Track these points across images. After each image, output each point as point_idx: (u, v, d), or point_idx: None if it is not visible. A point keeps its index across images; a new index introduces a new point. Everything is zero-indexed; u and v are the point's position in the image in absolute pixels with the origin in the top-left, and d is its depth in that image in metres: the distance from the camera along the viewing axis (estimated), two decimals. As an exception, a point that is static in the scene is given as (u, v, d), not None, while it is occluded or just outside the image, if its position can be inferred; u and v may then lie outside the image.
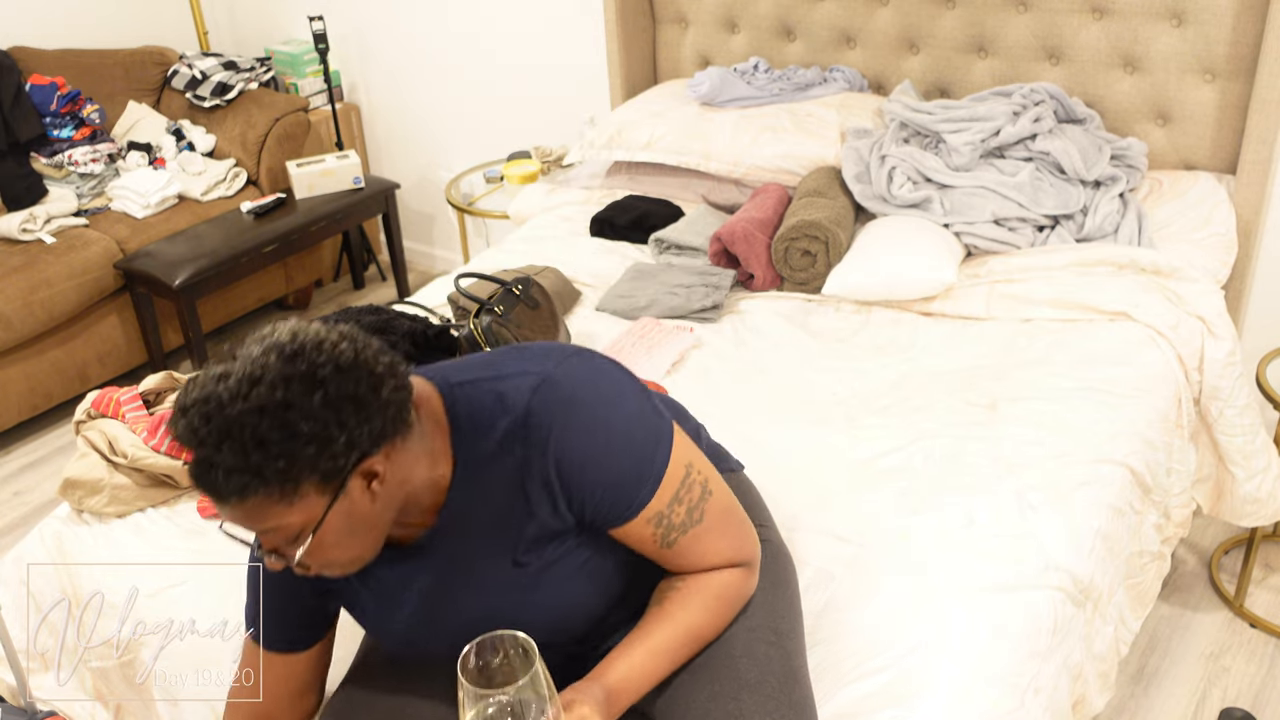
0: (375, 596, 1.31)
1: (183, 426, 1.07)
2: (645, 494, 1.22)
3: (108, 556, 1.82)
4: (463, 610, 1.28)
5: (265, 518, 1.09)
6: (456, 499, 1.23)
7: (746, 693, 1.26)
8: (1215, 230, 2.45)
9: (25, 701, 1.76)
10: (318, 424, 1.06)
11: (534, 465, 1.20)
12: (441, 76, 3.95)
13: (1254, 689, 2.26)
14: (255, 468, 1.05)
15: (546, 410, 1.19)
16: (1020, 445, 1.90)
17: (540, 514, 1.23)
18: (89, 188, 3.62)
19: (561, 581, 1.27)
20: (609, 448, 1.21)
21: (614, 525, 1.24)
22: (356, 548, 1.17)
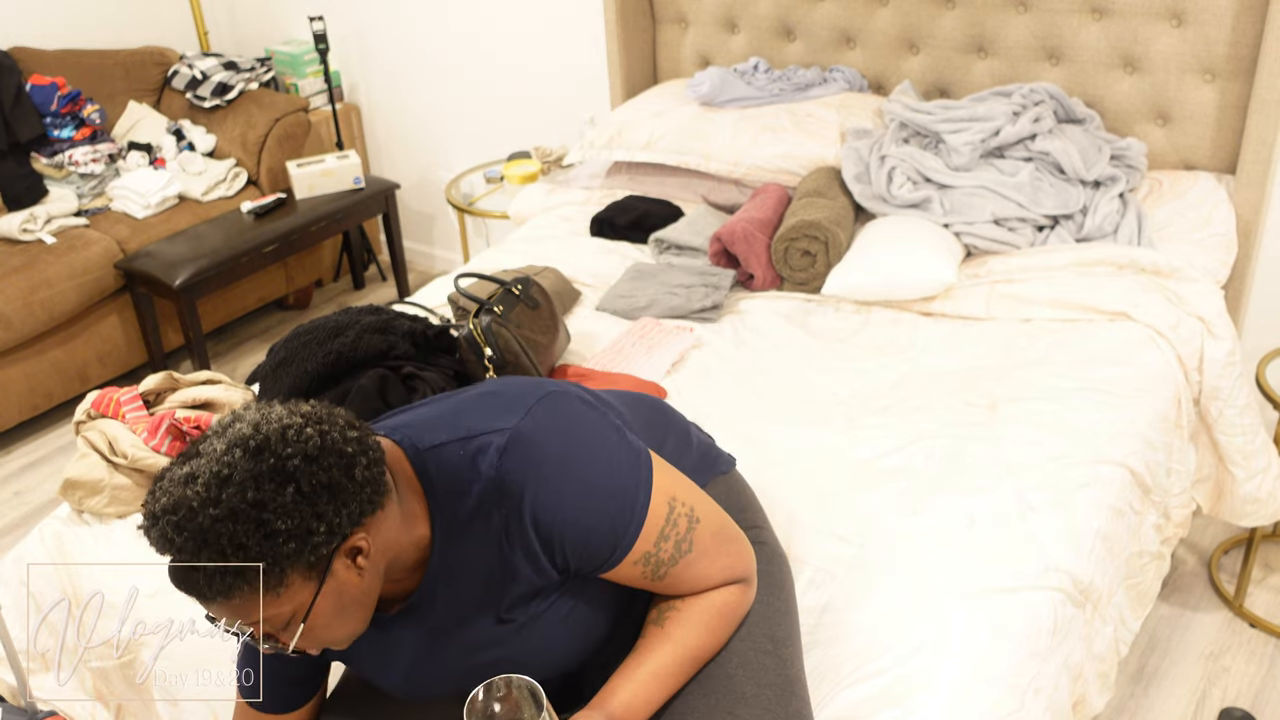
0: (370, 654, 1.30)
1: (156, 535, 1.05)
2: (629, 539, 1.20)
3: (108, 557, 1.82)
4: (454, 666, 1.27)
5: (253, 612, 1.07)
6: (438, 560, 1.21)
7: (743, 706, 1.26)
8: (1215, 230, 2.45)
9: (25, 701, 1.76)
10: (295, 520, 1.04)
11: (511, 527, 1.18)
12: (441, 76, 3.95)
13: (1254, 689, 2.26)
14: (239, 570, 1.03)
15: (518, 471, 1.16)
16: (1020, 445, 1.90)
17: (523, 573, 1.20)
18: (89, 188, 3.62)
19: (547, 633, 1.25)
20: (585, 501, 1.18)
21: (601, 571, 1.23)
22: (350, 624, 1.15)
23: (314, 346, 2.09)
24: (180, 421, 1.95)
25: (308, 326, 2.15)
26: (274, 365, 2.12)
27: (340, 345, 2.08)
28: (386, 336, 2.11)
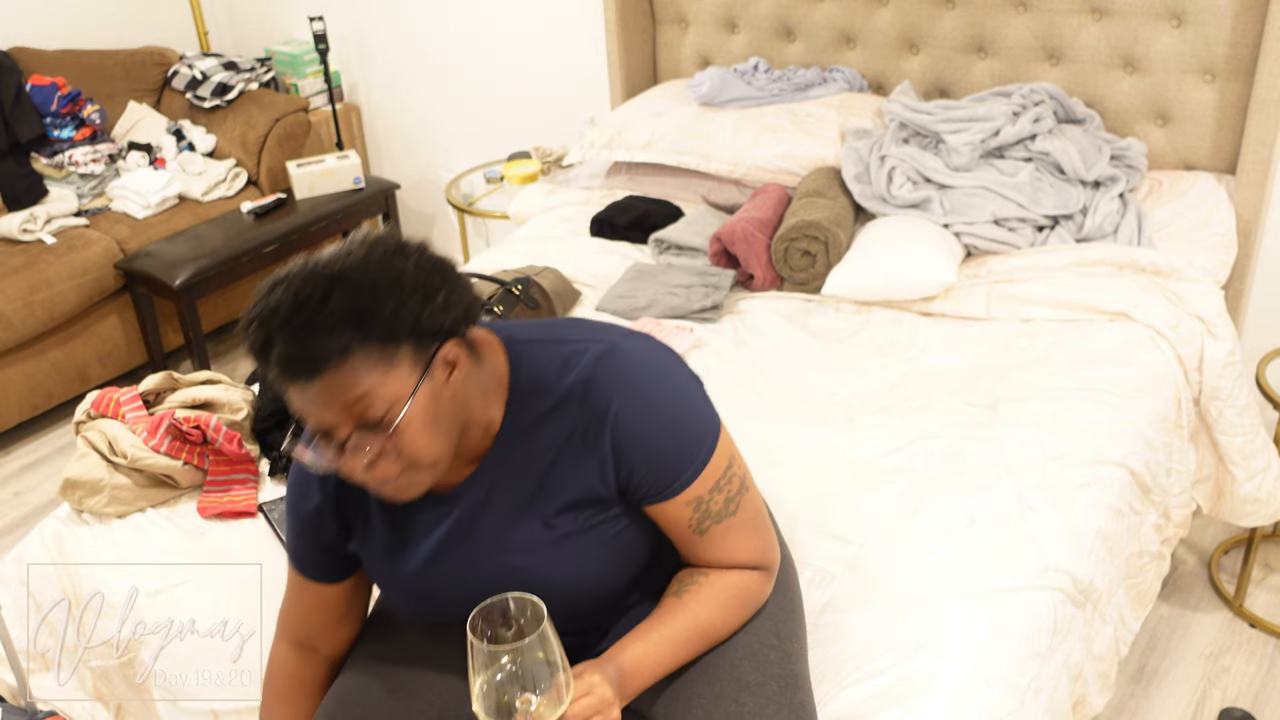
0: (396, 542, 1.30)
1: (282, 291, 1.09)
2: (691, 474, 1.23)
3: (108, 557, 1.82)
4: (482, 565, 1.27)
5: (357, 385, 1.08)
6: (501, 450, 1.24)
7: (747, 694, 1.27)
8: (1215, 230, 2.45)
9: (25, 701, 1.77)
10: (418, 279, 1.11)
11: (589, 431, 1.21)
12: (441, 76, 3.95)
13: (1254, 689, 2.26)
14: (362, 317, 1.07)
15: (610, 378, 1.21)
16: (1020, 445, 1.90)
17: (583, 477, 1.23)
18: (89, 188, 3.62)
19: (587, 550, 1.26)
20: (666, 423, 1.22)
21: (655, 501, 1.25)
22: (436, 444, 1.15)
23: (314, 346, 2.09)
24: (180, 421, 1.95)
25: (308, 326, 2.15)
26: (274, 365, 2.12)
27: (340, 345, 2.07)
28: (386, 336, 2.11)
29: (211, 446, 1.96)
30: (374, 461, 1.14)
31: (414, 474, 1.16)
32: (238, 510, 1.89)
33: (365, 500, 1.30)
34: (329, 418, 1.11)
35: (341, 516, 1.32)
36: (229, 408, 2.06)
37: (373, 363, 1.09)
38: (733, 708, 1.25)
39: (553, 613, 1.13)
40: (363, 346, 1.08)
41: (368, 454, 1.13)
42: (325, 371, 1.08)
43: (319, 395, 1.09)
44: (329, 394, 1.09)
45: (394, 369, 1.10)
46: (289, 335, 1.08)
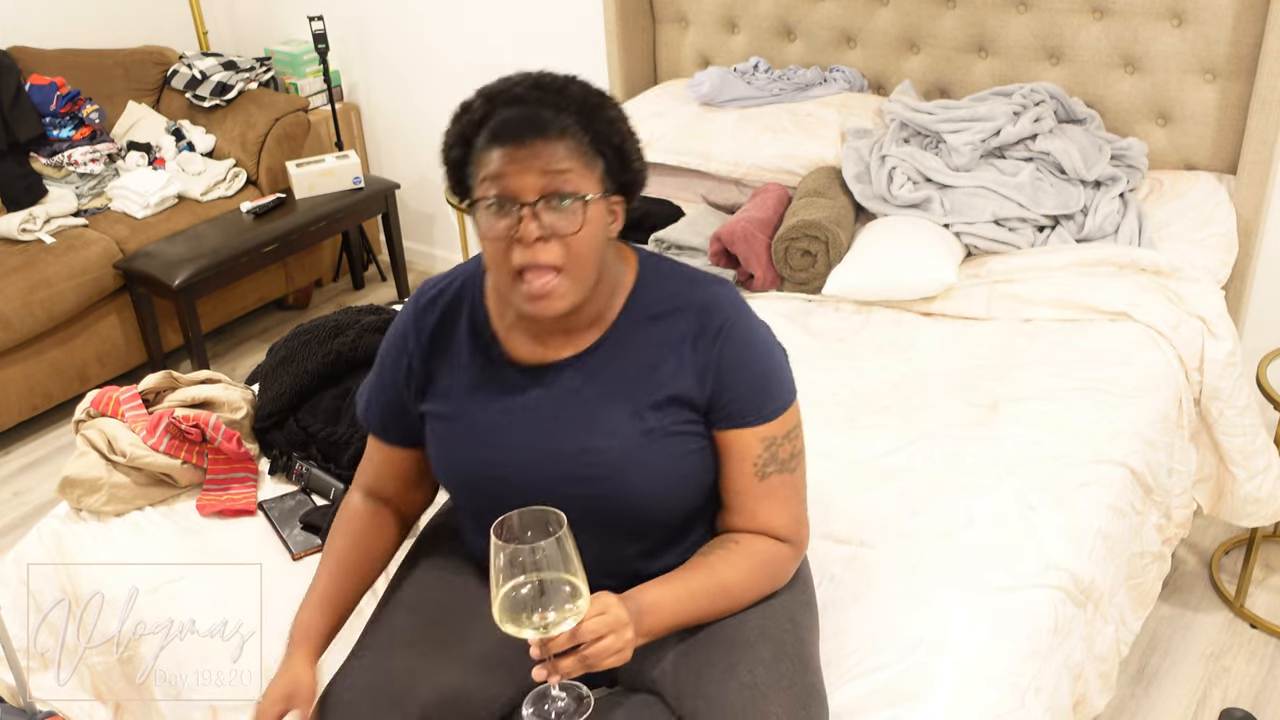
0: (477, 405, 1.37)
1: (517, 79, 1.27)
2: (774, 410, 1.35)
3: (106, 555, 1.82)
4: (562, 440, 1.34)
5: (562, 160, 1.23)
6: (613, 335, 1.35)
7: (762, 667, 1.29)
8: (1215, 230, 2.45)
9: (25, 701, 1.76)
10: (621, 125, 1.31)
11: (700, 338, 1.33)
12: (442, 76, 3.94)
13: (1254, 689, 2.25)
14: (589, 112, 1.26)
15: (728, 304, 1.35)
16: (1021, 445, 1.90)
17: (683, 380, 1.33)
18: (88, 188, 3.62)
19: (665, 452, 1.33)
20: (764, 358, 1.36)
21: (738, 425, 1.34)
22: (591, 263, 1.27)
23: (314, 346, 2.09)
24: (179, 420, 1.95)
25: (308, 326, 2.15)
26: (274, 364, 2.12)
27: (340, 345, 2.08)
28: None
29: (210, 445, 1.96)
30: (547, 238, 1.23)
31: (566, 279, 1.25)
32: (237, 509, 1.89)
33: (457, 356, 1.39)
34: (528, 180, 1.22)
35: (427, 369, 1.40)
36: (228, 407, 2.06)
37: (579, 153, 1.24)
38: (747, 678, 1.28)
39: (615, 516, 1.28)
40: (577, 136, 1.25)
41: (544, 227, 1.23)
42: (543, 138, 1.22)
43: (527, 156, 1.22)
44: (537, 158, 1.22)
45: (590, 171, 1.25)
46: (520, 105, 1.25)
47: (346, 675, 1.38)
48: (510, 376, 1.37)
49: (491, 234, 1.25)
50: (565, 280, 1.25)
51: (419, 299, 1.44)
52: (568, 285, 1.26)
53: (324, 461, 1.98)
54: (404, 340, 1.42)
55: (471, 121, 1.28)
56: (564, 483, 1.32)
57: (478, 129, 1.27)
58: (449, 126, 1.33)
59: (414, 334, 1.41)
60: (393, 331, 1.45)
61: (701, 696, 1.28)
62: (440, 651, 1.39)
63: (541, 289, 1.25)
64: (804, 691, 1.29)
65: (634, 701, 1.35)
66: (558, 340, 1.36)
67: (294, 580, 1.73)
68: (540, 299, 1.25)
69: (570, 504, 1.24)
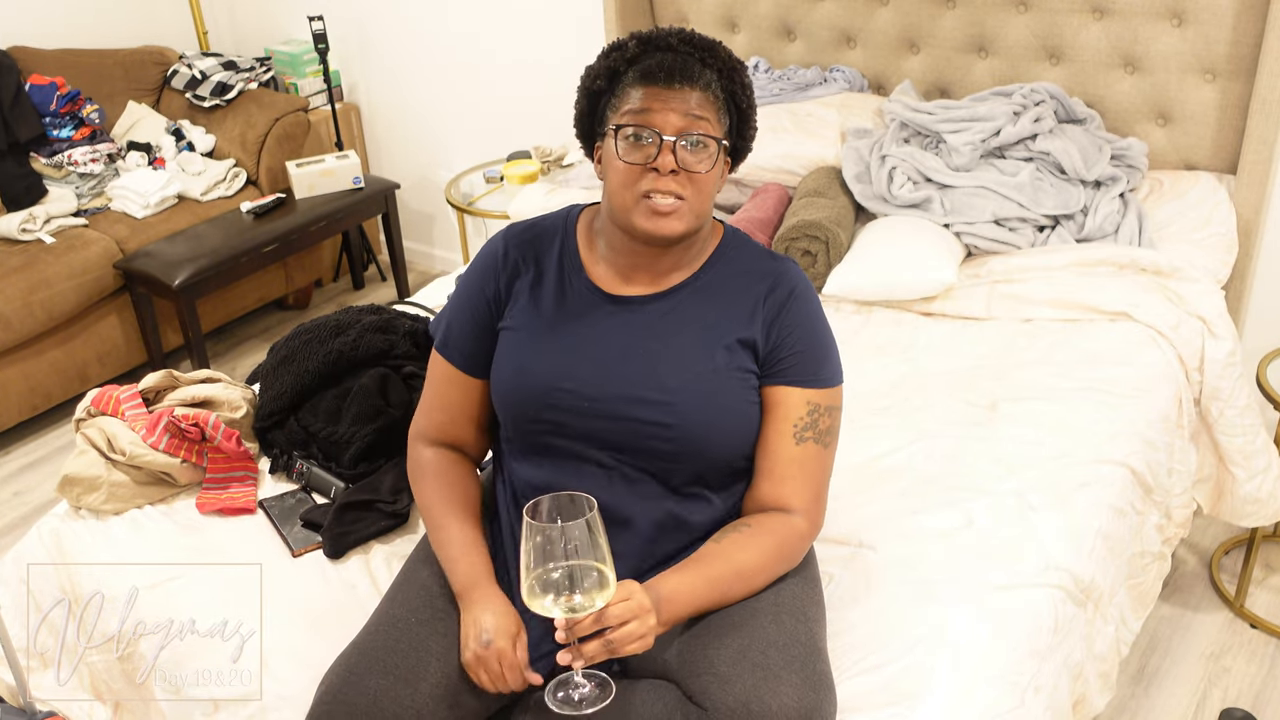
0: (557, 321, 1.47)
1: (670, 29, 1.41)
2: (826, 378, 1.47)
3: (106, 553, 1.82)
4: (632, 366, 1.43)
5: (703, 107, 1.38)
6: (695, 282, 1.47)
7: (775, 650, 1.31)
8: (1215, 230, 2.45)
9: (25, 701, 1.76)
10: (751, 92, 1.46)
11: (771, 296, 1.46)
12: (441, 76, 3.95)
13: (1254, 689, 2.25)
14: (731, 73, 1.42)
15: (800, 278, 1.50)
16: (1021, 445, 1.90)
17: (752, 327, 1.45)
18: (88, 188, 3.62)
19: (725, 391, 1.43)
20: (825, 332, 1.49)
21: (788, 382, 1.45)
22: (707, 198, 1.42)
23: (315, 345, 2.09)
24: (179, 419, 1.94)
25: (309, 325, 2.15)
26: (275, 363, 2.12)
27: (341, 344, 2.08)
28: (387, 336, 2.11)
29: (210, 444, 1.96)
30: (678, 170, 1.37)
31: (686, 207, 1.39)
32: (236, 508, 1.89)
33: (543, 278, 1.50)
34: (671, 119, 1.37)
35: (513, 288, 1.50)
36: (228, 406, 2.06)
37: (716, 106, 1.40)
38: (759, 659, 1.29)
39: (667, 445, 1.38)
40: (716, 91, 1.40)
41: (679, 161, 1.36)
42: (692, 86, 1.37)
43: (674, 97, 1.37)
44: (682, 101, 1.37)
45: (720, 124, 1.41)
46: (675, 52, 1.39)
47: (360, 650, 1.38)
48: (591, 300, 1.48)
49: (629, 159, 1.38)
50: (685, 206, 1.39)
51: (510, 229, 1.54)
52: (688, 212, 1.39)
53: (324, 460, 1.98)
54: (494, 261, 1.51)
55: (623, 58, 1.41)
56: (625, 404, 1.41)
57: (628, 66, 1.41)
58: (595, 61, 1.46)
59: (504, 256, 1.51)
60: (480, 259, 1.53)
61: (712, 675, 1.29)
62: (453, 631, 1.40)
63: (668, 207, 1.38)
64: (815, 676, 1.31)
65: (645, 686, 1.36)
66: (642, 278, 1.48)
67: (294, 580, 1.73)
68: (663, 216, 1.38)
69: (626, 429, 1.40)
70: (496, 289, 1.51)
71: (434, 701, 1.34)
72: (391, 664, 1.35)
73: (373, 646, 1.38)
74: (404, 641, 1.38)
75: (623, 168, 1.39)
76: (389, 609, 1.45)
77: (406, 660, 1.36)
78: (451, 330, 1.54)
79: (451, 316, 1.55)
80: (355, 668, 1.36)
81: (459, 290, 1.55)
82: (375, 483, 1.87)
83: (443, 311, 1.56)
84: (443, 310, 1.56)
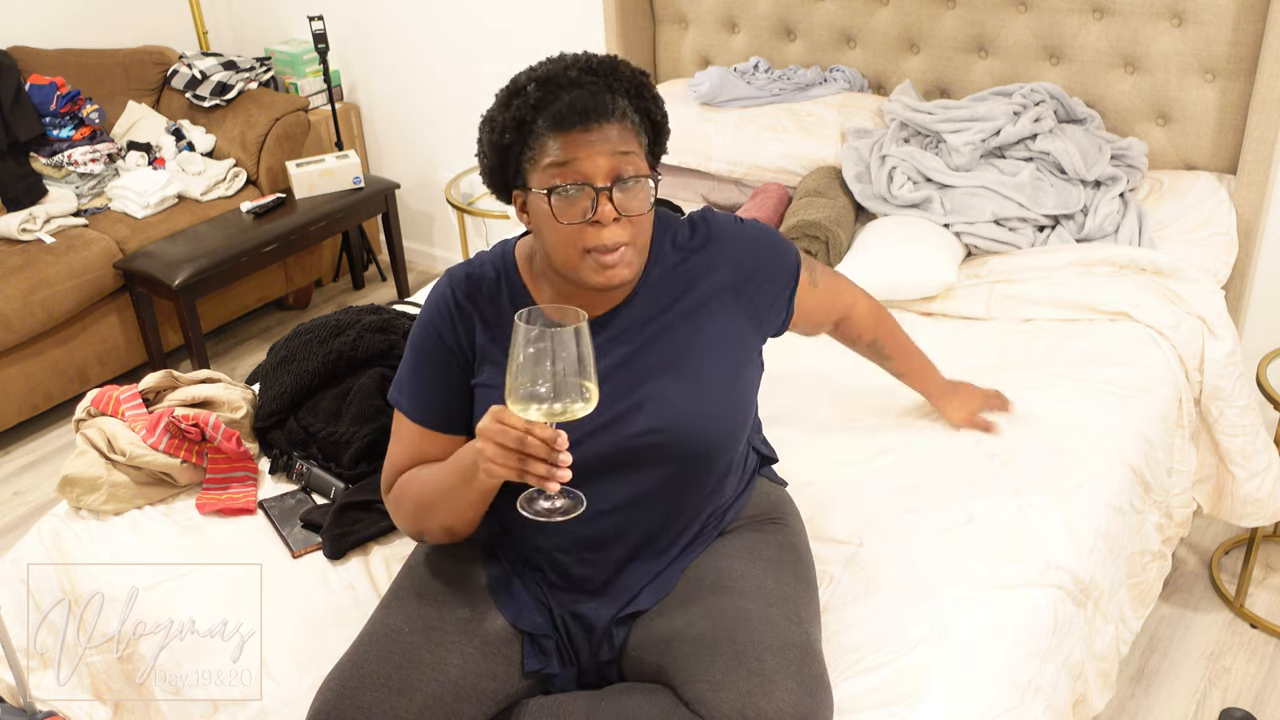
0: None
1: (569, 61, 1.33)
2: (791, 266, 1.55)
3: (106, 554, 1.82)
4: (615, 385, 1.39)
5: (627, 142, 1.32)
6: (648, 277, 1.46)
7: (770, 655, 1.31)
8: (1215, 230, 2.45)
9: (25, 701, 1.76)
10: (660, 110, 1.41)
11: (690, 245, 1.51)
12: (441, 76, 3.95)
13: (1254, 689, 2.25)
14: (640, 91, 1.35)
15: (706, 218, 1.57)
16: (1020, 444, 1.90)
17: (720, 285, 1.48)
18: (88, 188, 3.62)
19: (713, 373, 1.44)
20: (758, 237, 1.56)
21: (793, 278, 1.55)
22: (646, 242, 1.38)
23: (315, 345, 2.09)
24: (179, 419, 1.95)
25: (309, 325, 2.15)
26: (275, 363, 2.12)
27: (341, 344, 2.08)
28: (387, 336, 2.11)
29: (210, 444, 1.96)
30: (618, 219, 1.31)
31: (632, 250, 1.34)
32: (236, 508, 1.89)
33: (502, 328, 1.43)
34: (600, 163, 1.30)
35: (474, 343, 1.43)
36: (228, 406, 2.06)
37: (634, 134, 1.34)
38: (754, 664, 1.29)
39: (667, 455, 1.40)
40: (633, 117, 1.34)
41: (618, 208, 1.31)
42: (609, 121, 1.30)
43: (597, 140, 1.29)
44: (606, 141, 1.30)
45: (641, 152, 1.35)
46: (580, 87, 1.30)
47: (353, 663, 1.38)
48: None
49: (566, 218, 1.31)
50: (632, 251, 1.34)
51: (453, 282, 1.46)
52: (634, 255, 1.35)
53: (324, 461, 1.98)
54: (446, 310, 1.44)
55: (526, 105, 1.31)
56: (617, 424, 1.39)
57: (534, 113, 1.31)
58: (495, 112, 1.35)
59: (455, 306, 1.44)
60: (430, 311, 1.46)
61: (708, 682, 1.29)
62: (449, 642, 1.40)
63: (615, 259, 1.32)
64: (811, 679, 1.30)
65: (640, 691, 1.36)
66: (597, 302, 1.43)
67: (294, 580, 1.73)
68: (611, 268, 1.33)
69: (621, 447, 1.38)
70: (457, 339, 1.44)
71: (429, 712, 1.34)
72: (385, 675, 1.35)
73: (367, 659, 1.38)
74: (397, 652, 1.38)
75: (561, 228, 1.31)
76: (383, 618, 1.45)
77: (400, 671, 1.36)
78: (421, 392, 1.46)
79: (416, 378, 1.46)
80: (349, 682, 1.35)
81: (417, 346, 1.46)
82: (375, 483, 1.87)
83: (400, 376, 1.48)
84: (400, 374, 1.48)
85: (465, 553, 1.54)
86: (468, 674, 1.39)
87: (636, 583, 1.47)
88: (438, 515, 1.42)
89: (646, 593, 1.46)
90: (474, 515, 1.41)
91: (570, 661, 1.48)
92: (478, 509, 1.39)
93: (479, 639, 1.42)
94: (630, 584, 1.47)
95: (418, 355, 1.46)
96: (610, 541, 1.45)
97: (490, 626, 1.44)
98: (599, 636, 1.47)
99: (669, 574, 1.48)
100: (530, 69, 1.34)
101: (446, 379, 1.44)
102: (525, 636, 1.46)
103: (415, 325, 1.47)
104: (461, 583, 1.49)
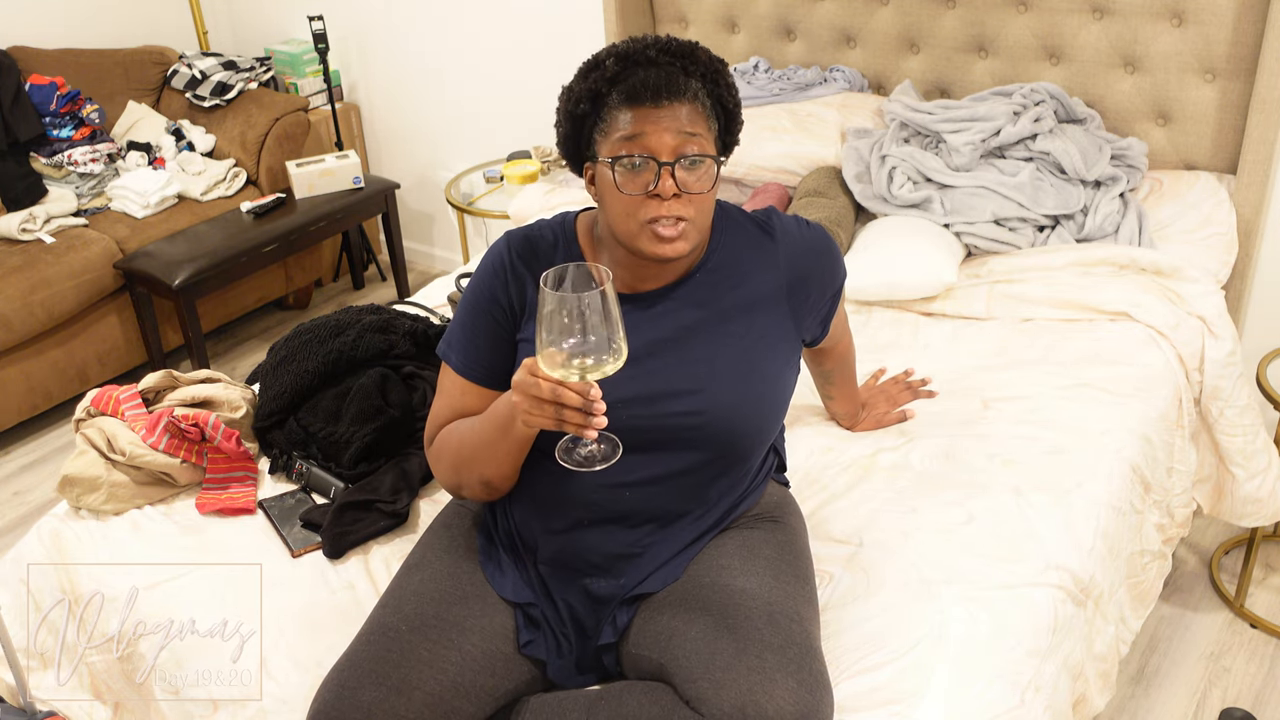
0: None
1: (649, 40, 1.37)
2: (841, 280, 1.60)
3: (105, 554, 1.82)
4: (662, 360, 1.43)
5: (695, 123, 1.36)
6: (710, 261, 1.49)
7: (771, 653, 1.31)
8: (1215, 230, 2.45)
9: (25, 701, 1.76)
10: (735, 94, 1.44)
11: (765, 242, 1.52)
12: (441, 76, 3.95)
13: (1254, 689, 2.25)
14: (714, 76, 1.39)
15: (774, 213, 1.58)
16: (1020, 444, 1.90)
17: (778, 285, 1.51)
18: (88, 188, 3.62)
19: (759, 367, 1.47)
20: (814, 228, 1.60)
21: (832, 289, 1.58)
22: (708, 213, 1.41)
23: (315, 345, 2.09)
24: (179, 419, 1.94)
25: (309, 325, 2.15)
26: (275, 363, 2.12)
27: (341, 344, 2.08)
28: (387, 335, 2.11)
29: (210, 444, 1.96)
30: (679, 193, 1.35)
31: (690, 226, 1.37)
32: (236, 508, 1.89)
33: None
34: (666, 139, 1.34)
35: (525, 300, 1.46)
36: (228, 406, 2.06)
37: (705, 115, 1.38)
38: (755, 662, 1.29)
39: (700, 431, 1.41)
40: (704, 100, 1.38)
41: (679, 184, 1.34)
42: (680, 100, 1.34)
43: (664, 116, 1.34)
44: (675, 119, 1.34)
45: (711, 134, 1.39)
46: (657, 66, 1.35)
47: (352, 662, 1.38)
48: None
49: (627, 189, 1.35)
50: (690, 227, 1.37)
51: (510, 241, 1.50)
52: (692, 232, 1.38)
53: (324, 461, 1.98)
54: (501, 267, 1.48)
55: (603, 78, 1.36)
56: (659, 400, 1.42)
57: (610, 86, 1.36)
58: (574, 83, 1.41)
59: (510, 264, 1.47)
60: (486, 267, 1.49)
61: (708, 679, 1.29)
62: (446, 640, 1.41)
63: (673, 232, 1.36)
64: (811, 678, 1.31)
65: (640, 689, 1.37)
66: (654, 276, 1.46)
67: (294, 579, 1.73)
68: (668, 240, 1.36)
69: (658, 425, 1.41)
70: (509, 296, 1.47)
71: (428, 710, 1.34)
72: (383, 674, 1.35)
73: (365, 658, 1.38)
74: (395, 651, 1.38)
75: (623, 198, 1.36)
76: (381, 616, 1.45)
77: (399, 670, 1.36)
78: (469, 347, 1.49)
79: (465, 333, 1.50)
80: (348, 681, 1.35)
81: (469, 302, 1.50)
82: (375, 483, 1.87)
83: (451, 330, 1.52)
84: (450, 329, 1.53)
85: (463, 551, 1.54)
86: (466, 671, 1.39)
87: (648, 565, 1.48)
88: (476, 467, 1.45)
89: (656, 576, 1.47)
90: (510, 468, 1.44)
91: (569, 646, 1.49)
92: (515, 460, 1.42)
93: (477, 636, 1.43)
94: (643, 565, 1.48)
95: (469, 311, 1.50)
96: (630, 515, 1.46)
97: (488, 623, 1.45)
98: (606, 615, 1.47)
99: (680, 559, 1.49)
100: (612, 45, 1.40)
101: (494, 335, 1.48)
102: (517, 611, 1.47)
103: (470, 282, 1.52)
104: (459, 581, 1.49)
